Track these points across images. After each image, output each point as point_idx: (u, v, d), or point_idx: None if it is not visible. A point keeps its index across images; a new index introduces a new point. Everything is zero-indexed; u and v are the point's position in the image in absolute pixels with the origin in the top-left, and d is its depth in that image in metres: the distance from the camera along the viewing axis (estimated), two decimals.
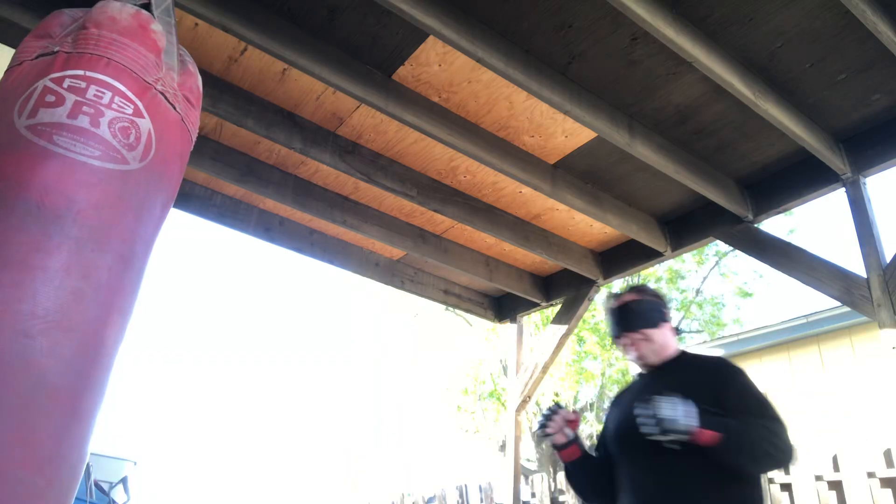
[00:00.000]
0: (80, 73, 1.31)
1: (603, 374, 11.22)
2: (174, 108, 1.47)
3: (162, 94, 1.43)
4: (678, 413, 1.66)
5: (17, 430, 1.06)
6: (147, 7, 1.51)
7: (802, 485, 3.64)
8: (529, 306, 4.35)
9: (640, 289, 2.10)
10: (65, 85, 1.32)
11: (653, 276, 12.19)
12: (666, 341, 2.03)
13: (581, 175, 3.17)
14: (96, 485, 8.60)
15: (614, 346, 2.10)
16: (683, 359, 2.05)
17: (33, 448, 1.08)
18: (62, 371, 1.14)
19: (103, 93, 1.32)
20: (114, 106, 1.33)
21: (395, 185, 3.06)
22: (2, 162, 1.22)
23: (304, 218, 3.58)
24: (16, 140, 1.22)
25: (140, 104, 1.37)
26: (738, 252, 4.05)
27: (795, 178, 3.01)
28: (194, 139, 1.63)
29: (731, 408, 1.77)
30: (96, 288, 1.22)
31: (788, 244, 3.04)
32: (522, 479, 5.05)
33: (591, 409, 11.56)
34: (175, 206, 2.21)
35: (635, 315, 2.02)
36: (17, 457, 1.05)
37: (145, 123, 1.37)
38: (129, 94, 1.36)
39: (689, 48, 2.22)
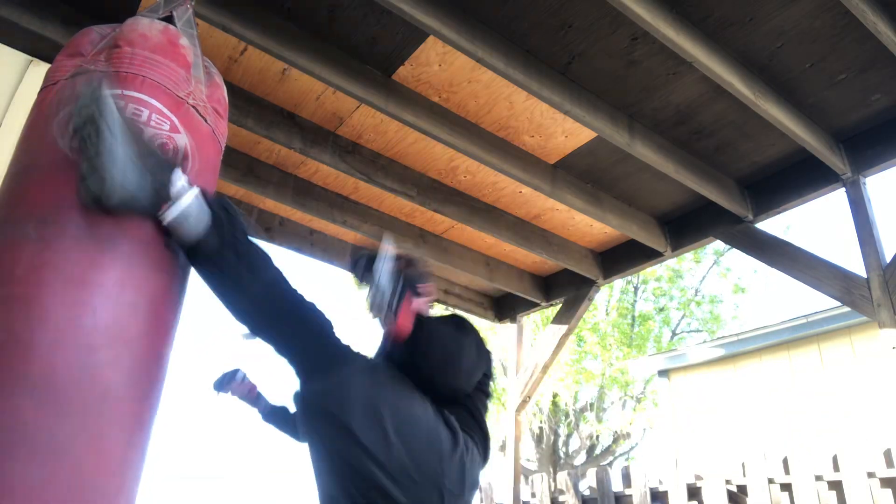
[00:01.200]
0: (118, 91, 1.32)
1: (603, 375, 11.23)
2: (205, 121, 1.49)
3: (194, 108, 1.45)
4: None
5: (92, 440, 1.12)
6: (169, 19, 1.52)
7: (802, 485, 3.64)
8: (529, 306, 4.35)
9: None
10: None
11: (653, 275, 12.20)
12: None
13: (581, 175, 3.17)
14: None
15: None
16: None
17: (106, 457, 1.14)
18: (125, 381, 1.19)
19: (141, 111, 1.34)
20: (152, 123, 1.35)
21: (395, 185, 3.06)
22: (51, 181, 1.25)
23: (304, 218, 3.58)
24: (62, 160, 1.24)
25: (176, 120, 1.40)
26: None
27: (795, 178, 3.01)
28: (223, 149, 1.64)
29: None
30: (148, 300, 1.26)
31: (788, 244, 3.04)
32: (522, 479, 5.04)
33: (591, 409, 11.56)
34: None
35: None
36: (92, 466, 1.11)
37: (182, 139, 1.40)
38: (165, 110, 1.38)
39: (689, 48, 2.22)
